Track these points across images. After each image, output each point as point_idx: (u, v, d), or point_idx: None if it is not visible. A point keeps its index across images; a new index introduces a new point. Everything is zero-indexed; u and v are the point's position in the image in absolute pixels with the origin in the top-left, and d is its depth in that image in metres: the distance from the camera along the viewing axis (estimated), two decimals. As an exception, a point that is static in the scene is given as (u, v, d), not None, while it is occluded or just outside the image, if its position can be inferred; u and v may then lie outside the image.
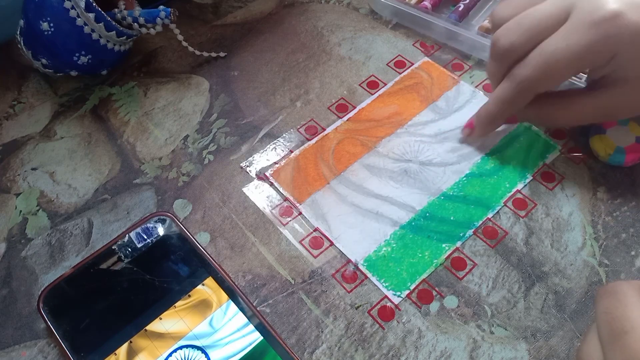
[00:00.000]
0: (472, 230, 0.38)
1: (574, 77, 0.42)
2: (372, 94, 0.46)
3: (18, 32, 0.45)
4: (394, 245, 0.37)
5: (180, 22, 0.49)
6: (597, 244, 0.37)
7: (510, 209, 0.39)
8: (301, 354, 0.33)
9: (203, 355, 0.32)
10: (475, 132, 0.41)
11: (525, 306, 0.35)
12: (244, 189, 0.41)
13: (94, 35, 0.43)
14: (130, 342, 0.33)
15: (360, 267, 0.36)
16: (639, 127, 0.40)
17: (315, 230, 0.38)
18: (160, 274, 0.35)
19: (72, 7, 0.41)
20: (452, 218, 0.38)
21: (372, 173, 0.41)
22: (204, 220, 0.39)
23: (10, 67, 0.50)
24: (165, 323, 0.33)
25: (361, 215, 0.39)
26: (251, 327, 0.33)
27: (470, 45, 0.48)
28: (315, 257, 0.37)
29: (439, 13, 0.50)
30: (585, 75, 0.41)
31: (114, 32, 0.43)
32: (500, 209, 0.39)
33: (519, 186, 0.40)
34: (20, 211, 0.41)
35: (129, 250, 0.37)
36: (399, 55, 0.49)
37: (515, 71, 0.36)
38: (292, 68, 0.48)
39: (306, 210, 0.39)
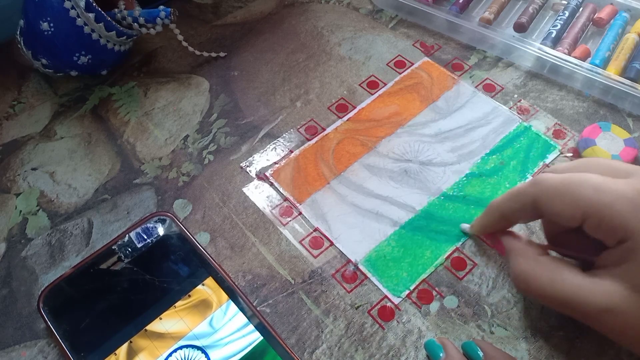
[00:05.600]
0: (472, 230, 0.38)
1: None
2: (372, 94, 0.46)
3: (18, 32, 0.45)
4: (394, 245, 0.37)
5: (180, 22, 0.50)
6: (597, 244, 0.37)
7: (510, 209, 0.39)
8: (301, 354, 0.33)
9: (203, 355, 0.32)
10: (474, 225, 0.36)
11: (525, 306, 0.34)
12: (244, 189, 0.41)
13: (94, 35, 0.43)
14: (130, 342, 0.33)
15: (360, 267, 0.36)
16: (621, 130, 0.41)
17: (315, 230, 0.38)
18: (160, 274, 0.35)
19: (72, 7, 0.41)
20: (452, 218, 0.38)
21: (372, 173, 0.41)
22: (204, 220, 0.39)
23: (10, 67, 0.50)
24: (165, 323, 0.33)
25: (361, 215, 0.39)
26: (251, 327, 0.33)
27: (470, 37, 0.49)
28: (315, 257, 0.37)
29: (439, 5, 0.51)
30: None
31: (114, 32, 0.43)
32: (500, 209, 0.39)
33: (519, 186, 0.40)
34: (20, 211, 0.41)
35: (129, 250, 0.37)
36: (399, 55, 0.49)
37: (541, 176, 0.31)
38: (292, 68, 0.48)
39: (306, 210, 0.39)
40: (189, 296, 0.34)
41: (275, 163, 0.42)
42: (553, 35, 0.47)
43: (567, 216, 0.29)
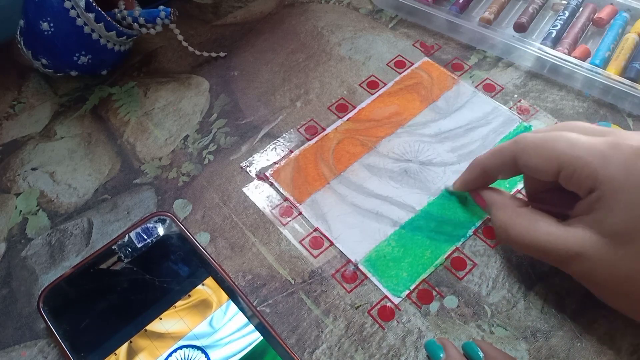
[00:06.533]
0: (472, 230, 0.38)
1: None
2: (372, 94, 0.46)
3: (18, 32, 0.45)
4: (394, 245, 0.37)
5: (180, 22, 0.50)
6: (597, 244, 0.37)
7: (510, 209, 0.39)
8: (301, 354, 0.33)
9: (203, 355, 0.32)
10: (457, 181, 0.38)
11: (525, 306, 0.35)
12: (244, 189, 0.41)
13: (94, 35, 0.43)
14: (130, 342, 0.33)
15: (360, 267, 0.36)
16: (620, 128, 0.41)
17: (315, 230, 0.38)
18: (160, 274, 0.35)
19: (72, 7, 0.41)
20: (452, 218, 0.38)
21: (372, 173, 0.41)
22: (204, 220, 0.39)
23: (10, 67, 0.50)
24: (165, 323, 0.33)
25: (361, 215, 0.39)
26: (251, 327, 0.33)
27: (470, 37, 0.49)
28: (315, 257, 0.37)
29: (439, 5, 0.51)
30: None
31: (114, 32, 0.43)
32: (500, 209, 0.39)
33: (519, 186, 0.40)
34: (20, 211, 0.41)
35: (129, 250, 0.37)
36: (399, 55, 0.49)
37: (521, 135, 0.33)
38: (292, 68, 0.48)
39: (306, 210, 0.39)
40: (189, 296, 0.34)
41: (275, 163, 0.42)
42: (553, 35, 0.47)
43: (544, 169, 0.31)
